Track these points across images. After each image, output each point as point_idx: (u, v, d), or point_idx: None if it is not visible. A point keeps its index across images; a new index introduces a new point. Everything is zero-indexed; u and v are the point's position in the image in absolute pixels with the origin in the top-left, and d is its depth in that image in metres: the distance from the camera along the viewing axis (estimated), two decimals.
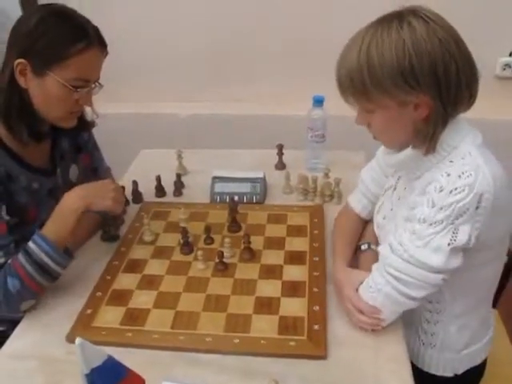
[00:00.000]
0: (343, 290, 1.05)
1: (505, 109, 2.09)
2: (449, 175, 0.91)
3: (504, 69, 2.07)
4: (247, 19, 2.10)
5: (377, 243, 1.15)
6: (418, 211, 0.94)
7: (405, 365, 0.95)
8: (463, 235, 0.90)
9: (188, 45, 2.16)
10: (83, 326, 1.06)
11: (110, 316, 1.08)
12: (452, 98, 0.92)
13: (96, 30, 1.14)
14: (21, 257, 1.07)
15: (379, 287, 0.97)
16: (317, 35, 2.06)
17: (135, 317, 1.08)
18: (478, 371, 1.17)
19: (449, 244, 0.91)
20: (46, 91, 1.11)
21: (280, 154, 1.63)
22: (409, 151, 0.99)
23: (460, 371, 1.12)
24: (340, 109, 1.09)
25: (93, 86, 1.17)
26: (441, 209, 0.90)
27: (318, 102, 1.54)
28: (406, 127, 0.97)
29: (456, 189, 0.89)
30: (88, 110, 1.23)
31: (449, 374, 1.12)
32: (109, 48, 1.17)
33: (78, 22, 1.11)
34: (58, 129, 1.24)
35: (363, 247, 1.18)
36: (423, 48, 0.88)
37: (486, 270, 1.04)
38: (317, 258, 1.21)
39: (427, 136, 0.95)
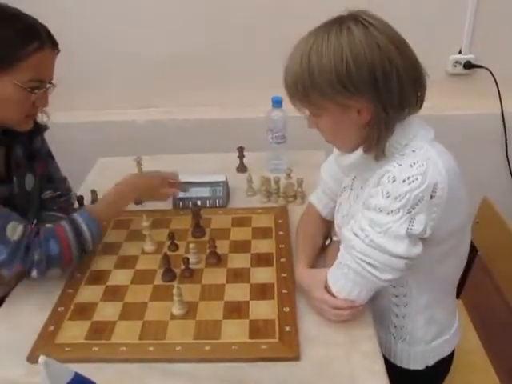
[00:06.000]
0: (313, 293, 1.04)
1: (456, 104, 2.15)
2: (400, 165, 0.92)
3: (455, 66, 2.12)
4: (204, 23, 2.08)
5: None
6: (373, 201, 0.94)
7: (378, 360, 0.95)
8: (419, 224, 0.91)
9: (144, 50, 2.12)
10: (45, 343, 1.01)
11: (74, 331, 1.04)
12: (396, 102, 0.92)
13: (45, 28, 1.11)
14: (66, 224, 1.14)
15: (348, 263, 0.97)
16: (273, 35, 2.06)
17: (101, 330, 1.04)
18: (447, 362, 1.19)
19: (406, 232, 0.92)
20: (1, 95, 1.07)
21: (241, 156, 1.62)
22: (359, 153, 1.00)
23: (431, 362, 1.14)
24: None
25: (47, 86, 1.13)
26: (395, 198, 0.91)
27: (277, 102, 1.54)
28: (353, 131, 0.98)
29: (409, 178, 0.90)
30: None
31: (420, 366, 1.13)
32: (60, 54, 1.13)
33: (28, 23, 1.07)
34: (10, 136, 1.19)
35: (327, 242, 1.19)
36: (361, 54, 0.88)
37: (444, 265, 1.06)
38: (284, 259, 1.20)
39: (372, 141, 0.95)
